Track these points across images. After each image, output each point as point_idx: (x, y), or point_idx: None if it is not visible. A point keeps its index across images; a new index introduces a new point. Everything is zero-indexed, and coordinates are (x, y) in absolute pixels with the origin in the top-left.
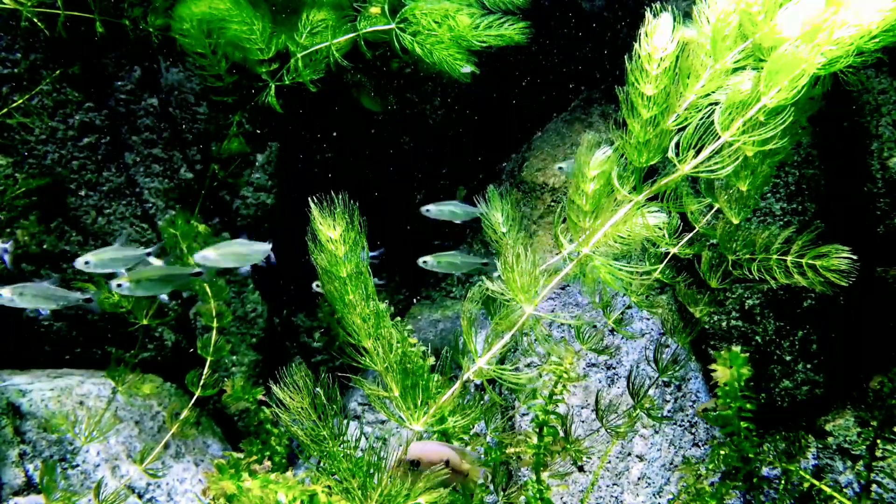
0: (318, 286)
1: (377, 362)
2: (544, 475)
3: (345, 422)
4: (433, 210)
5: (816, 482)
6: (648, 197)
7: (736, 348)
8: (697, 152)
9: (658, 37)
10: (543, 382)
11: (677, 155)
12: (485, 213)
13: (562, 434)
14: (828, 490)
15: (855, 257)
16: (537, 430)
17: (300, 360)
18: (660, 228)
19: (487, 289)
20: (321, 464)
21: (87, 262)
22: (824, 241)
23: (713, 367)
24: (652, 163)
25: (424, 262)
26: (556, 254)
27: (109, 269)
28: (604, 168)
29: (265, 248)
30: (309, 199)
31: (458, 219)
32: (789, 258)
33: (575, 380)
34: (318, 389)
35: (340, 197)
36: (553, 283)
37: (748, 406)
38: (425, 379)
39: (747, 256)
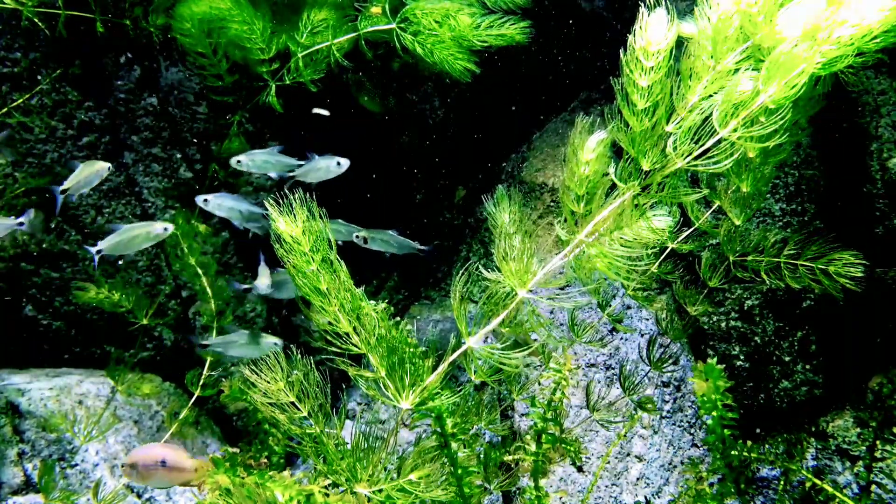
0: (356, 237)
1: (361, 344)
2: (543, 481)
3: (342, 419)
4: (244, 161)
5: (818, 481)
6: (644, 186)
7: (712, 360)
8: (696, 143)
9: (653, 30)
10: (540, 388)
11: (675, 150)
12: (491, 213)
13: (557, 433)
14: (830, 489)
15: (867, 263)
16: (536, 437)
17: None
18: (663, 231)
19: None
20: (307, 454)
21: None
22: (830, 242)
23: (690, 380)
24: (647, 152)
25: (357, 236)
26: (556, 253)
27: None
28: (598, 152)
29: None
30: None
31: (274, 171)
32: (800, 262)
33: (574, 371)
34: (295, 372)
35: (296, 194)
36: (546, 268)
37: (730, 415)
38: (413, 360)
39: (753, 258)
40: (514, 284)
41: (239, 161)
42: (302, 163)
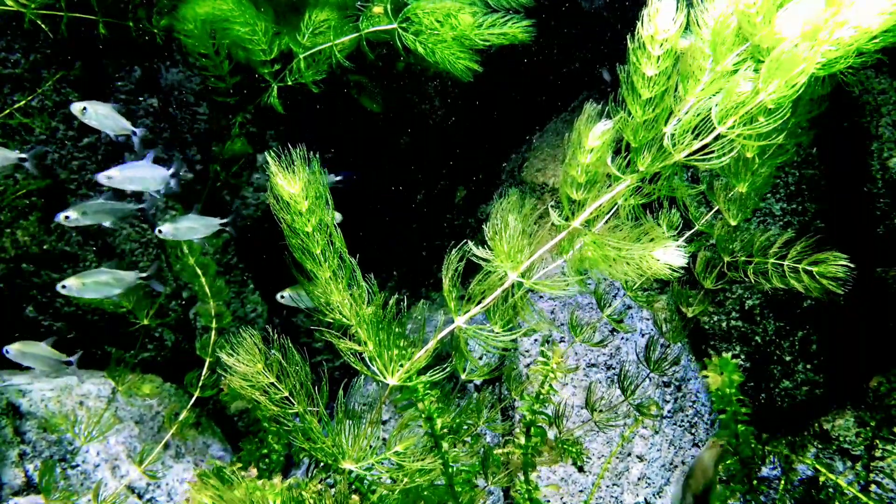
0: (281, 297)
1: (350, 317)
2: (533, 475)
3: (324, 396)
4: (90, 111)
5: (832, 476)
6: (641, 178)
7: (727, 354)
8: (696, 137)
9: (662, 17)
10: (537, 383)
11: (673, 145)
12: (496, 205)
13: (556, 433)
14: (843, 484)
15: (852, 265)
16: (525, 430)
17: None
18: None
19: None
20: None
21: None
22: (824, 241)
23: (704, 373)
24: (647, 145)
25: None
26: (556, 255)
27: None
28: (603, 140)
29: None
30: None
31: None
32: (786, 262)
33: (567, 372)
34: (273, 352)
35: (299, 149)
36: (540, 252)
37: (744, 410)
38: (401, 336)
39: (744, 258)
40: (506, 267)
41: (85, 110)
42: (112, 108)
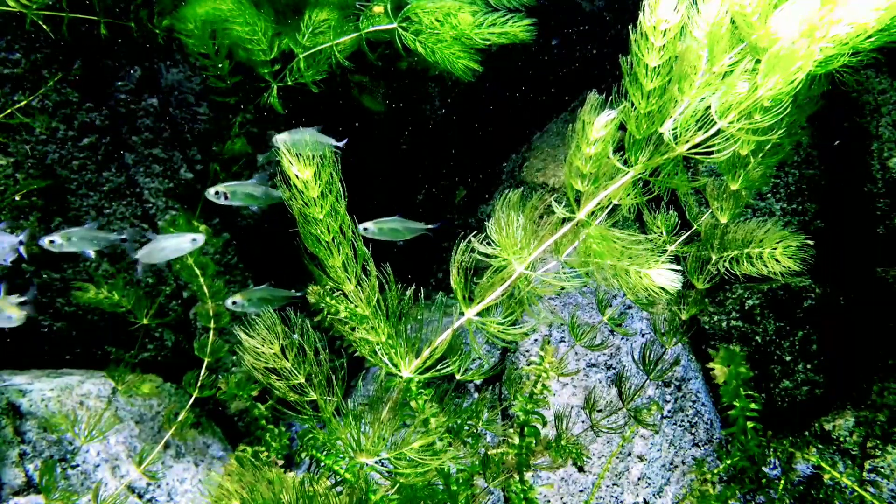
0: (233, 304)
1: (362, 307)
2: (528, 475)
3: (342, 387)
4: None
5: (837, 475)
6: (643, 171)
7: (734, 347)
8: (698, 130)
9: (663, 8)
10: (532, 381)
11: (675, 139)
12: (499, 202)
13: (555, 433)
14: (850, 483)
15: (811, 242)
16: (519, 430)
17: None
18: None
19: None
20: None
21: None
22: (822, 240)
23: (711, 365)
24: (647, 139)
25: (366, 229)
26: (557, 256)
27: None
28: (607, 130)
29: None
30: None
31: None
32: (753, 249)
33: (562, 375)
34: (295, 335)
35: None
36: (544, 245)
37: (752, 406)
38: (415, 325)
39: (727, 253)
40: (511, 260)
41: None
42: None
